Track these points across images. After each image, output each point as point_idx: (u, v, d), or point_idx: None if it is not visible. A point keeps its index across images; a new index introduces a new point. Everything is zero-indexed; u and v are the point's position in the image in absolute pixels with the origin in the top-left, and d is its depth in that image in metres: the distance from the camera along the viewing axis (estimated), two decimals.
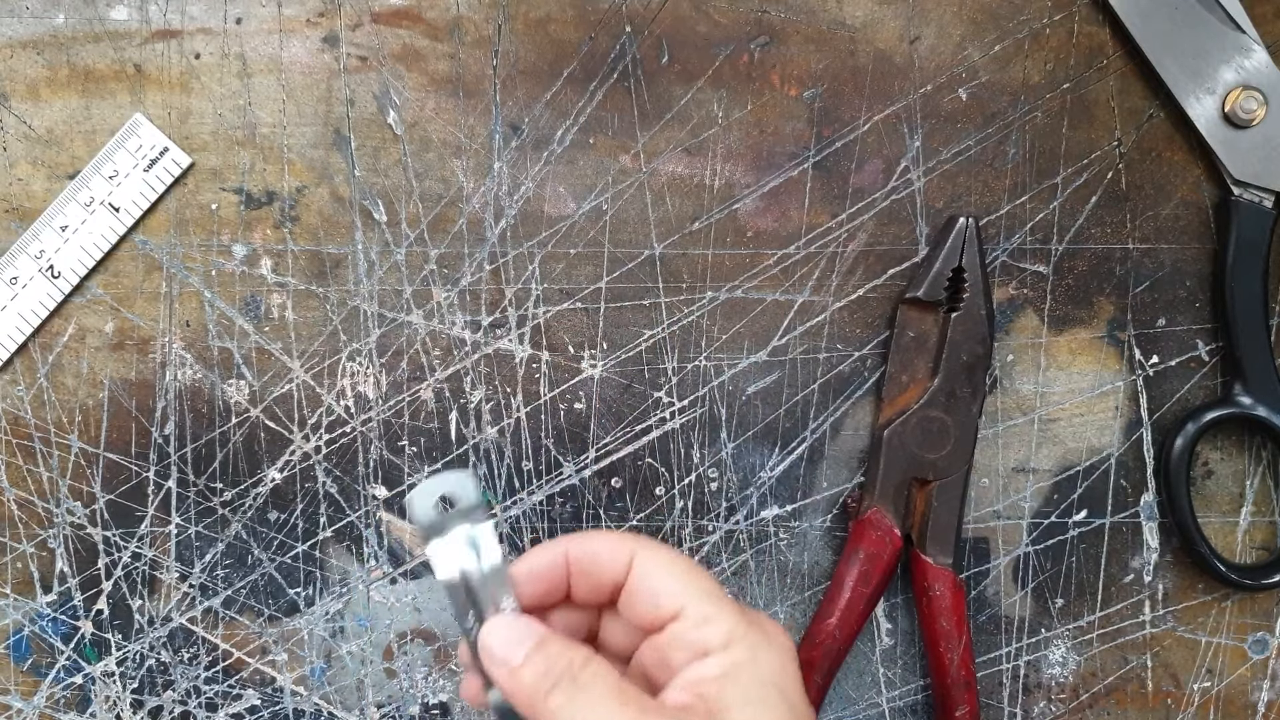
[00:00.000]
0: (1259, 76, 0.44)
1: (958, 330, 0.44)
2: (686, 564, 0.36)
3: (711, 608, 0.35)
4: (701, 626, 0.34)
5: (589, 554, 0.36)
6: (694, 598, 0.35)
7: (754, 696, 0.34)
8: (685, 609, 0.35)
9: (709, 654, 0.34)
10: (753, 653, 0.34)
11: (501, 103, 0.44)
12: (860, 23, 0.45)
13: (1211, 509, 0.47)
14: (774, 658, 0.35)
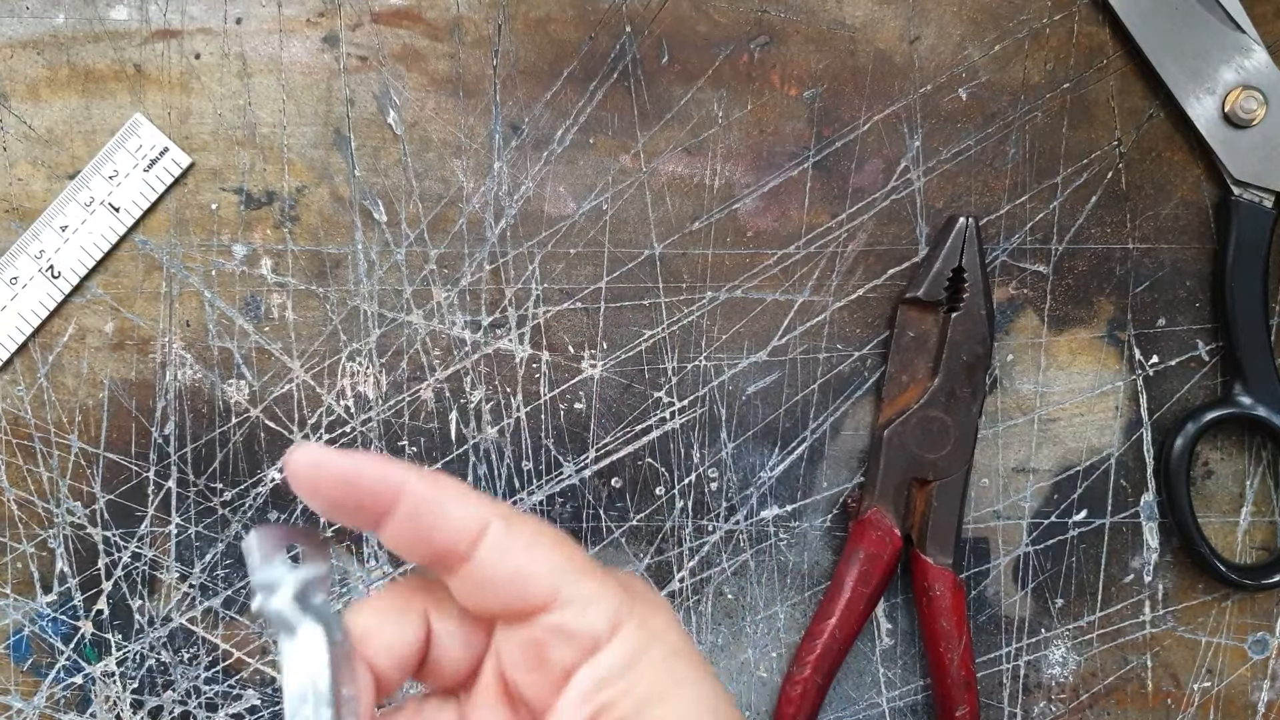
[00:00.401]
0: (1259, 76, 0.44)
1: (958, 330, 0.44)
2: (551, 532, 0.30)
3: (593, 583, 0.29)
4: (585, 612, 0.29)
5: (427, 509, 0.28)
6: (569, 577, 0.29)
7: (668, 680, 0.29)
8: (561, 593, 0.29)
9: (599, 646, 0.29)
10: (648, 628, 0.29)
11: (501, 102, 0.44)
12: (860, 22, 0.45)
13: (1211, 509, 0.47)
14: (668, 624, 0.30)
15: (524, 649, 0.29)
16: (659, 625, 0.30)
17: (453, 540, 0.28)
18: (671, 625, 0.30)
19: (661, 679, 0.29)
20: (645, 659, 0.29)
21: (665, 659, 0.29)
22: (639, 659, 0.29)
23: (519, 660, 0.30)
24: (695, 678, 0.29)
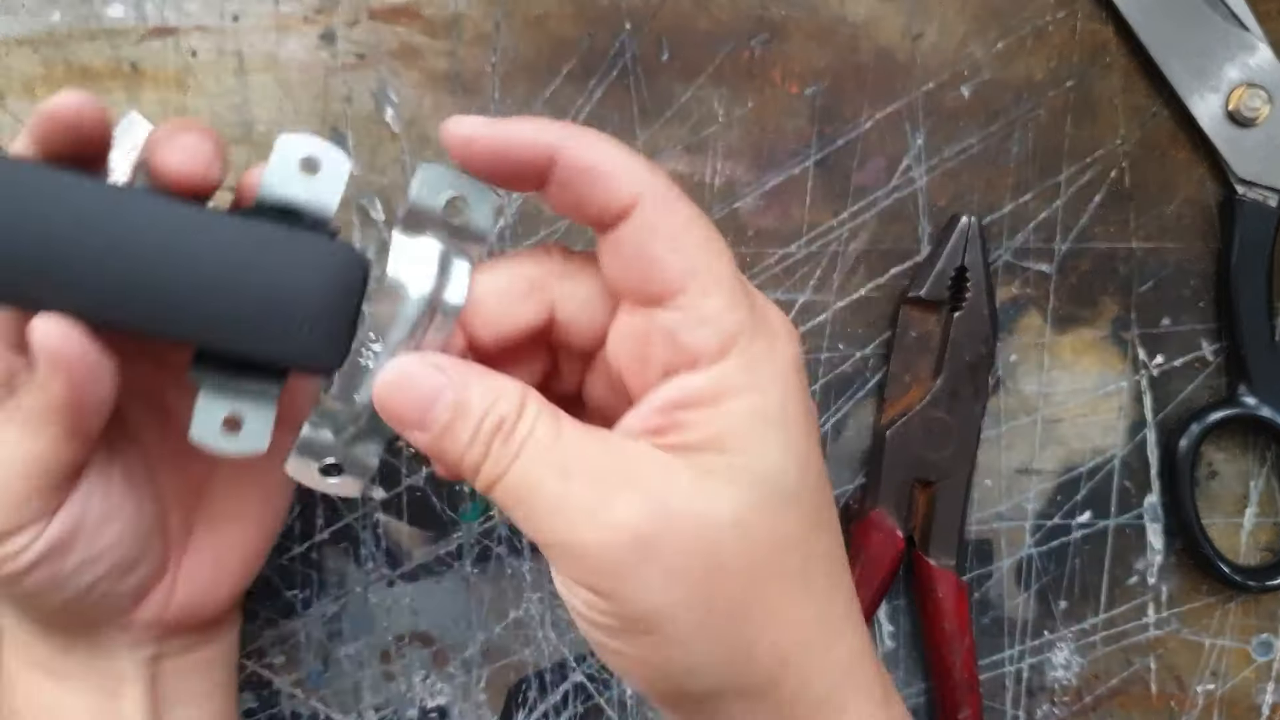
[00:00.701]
0: (1263, 74, 0.44)
1: (960, 330, 0.44)
2: (701, 232, 0.28)
3: (721, 299, 0.28)
4: (700, 325, 0.27)
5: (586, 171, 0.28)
6: (701, 281, 0.28)
7: (743, 442, 0.27)
8: (686, 292, 0.28)
9: (698, 363, 0.27)
10: (753, 374, 0.28)
11: (500, 100, 0.44)
12: (862, 19, 0.44)
13: (1216, 510, 0.46)
14: (778, 377, 0.28)
15: (634, 338, 0.29)
16: (766, 374, 0.28)
17: (600, 211, 0.28)
18: (778, 379, 0.28)
19: (736, 431, 0.27)
20: (732, 403, 0.27)
21: (750, 415, 0.27)
22: (725, 399, 0.27)
23: (627, 346, 0.29)
24: (770, 450, 0.28)
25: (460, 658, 0.46)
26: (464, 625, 0.46)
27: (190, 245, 0.29)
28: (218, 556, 0.37)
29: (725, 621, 0.27)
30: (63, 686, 0.36)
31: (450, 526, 0.45)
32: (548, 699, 0.46)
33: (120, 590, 0.35)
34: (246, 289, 0.30)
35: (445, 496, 0.45)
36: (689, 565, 0.27)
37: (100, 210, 0.29)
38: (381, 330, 0.30)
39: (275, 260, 0.30)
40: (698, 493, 0.27)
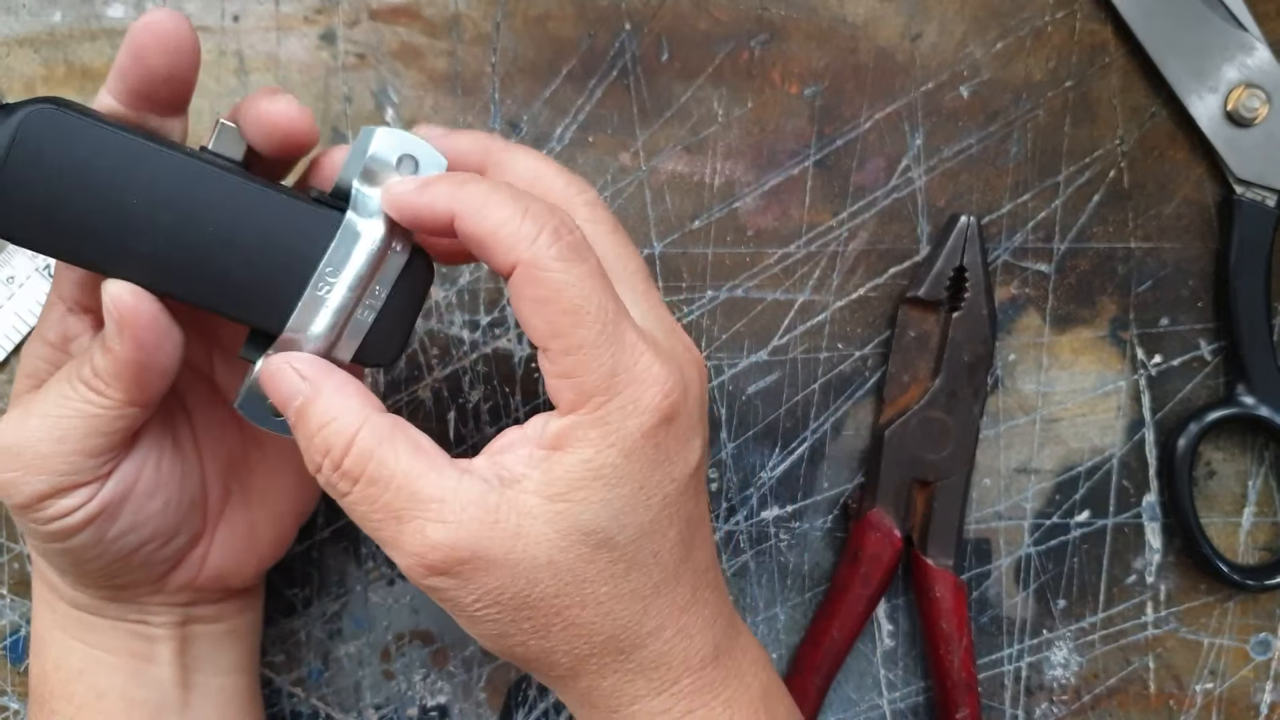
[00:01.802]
0: (1261, 75, 0.44)
1: (959, 330, 0.44)
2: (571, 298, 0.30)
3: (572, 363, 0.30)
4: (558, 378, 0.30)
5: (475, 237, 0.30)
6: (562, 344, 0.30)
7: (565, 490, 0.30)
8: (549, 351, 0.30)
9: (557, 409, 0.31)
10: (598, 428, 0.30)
11: (500, 100, 0.44)
12: (861, 20, 0.45)
13: (1214, 509, 0.46)
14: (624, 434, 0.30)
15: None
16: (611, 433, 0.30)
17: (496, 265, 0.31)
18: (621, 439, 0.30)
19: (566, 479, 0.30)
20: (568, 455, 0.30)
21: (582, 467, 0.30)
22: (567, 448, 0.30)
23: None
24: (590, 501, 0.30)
25: (460, 656, 0.46)
26: None
27: (257, 226, 0.32)
28: (251, 529, 0.39)
29: (528, 635, 0.31)
30: (94, 650, 0.37)
31: None
32: (548, 697, 0.46)
33: (160, 557, 0.36)
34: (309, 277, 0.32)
35: None
36: (501, 590, 0.30)
37: (175, 182, 0.31)
38: (338, 266, 0.32)
39: None
40: (519, 535, 0.30)
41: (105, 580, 0.36)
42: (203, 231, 0.31)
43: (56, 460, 0.33)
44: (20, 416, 0.33)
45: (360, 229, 0.32)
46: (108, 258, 0.31)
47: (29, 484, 0.33)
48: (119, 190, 0.30)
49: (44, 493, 0.33)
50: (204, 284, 0.32)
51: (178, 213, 0.31)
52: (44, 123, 0.30)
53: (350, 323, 0.33)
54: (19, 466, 0.33)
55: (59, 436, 0.32)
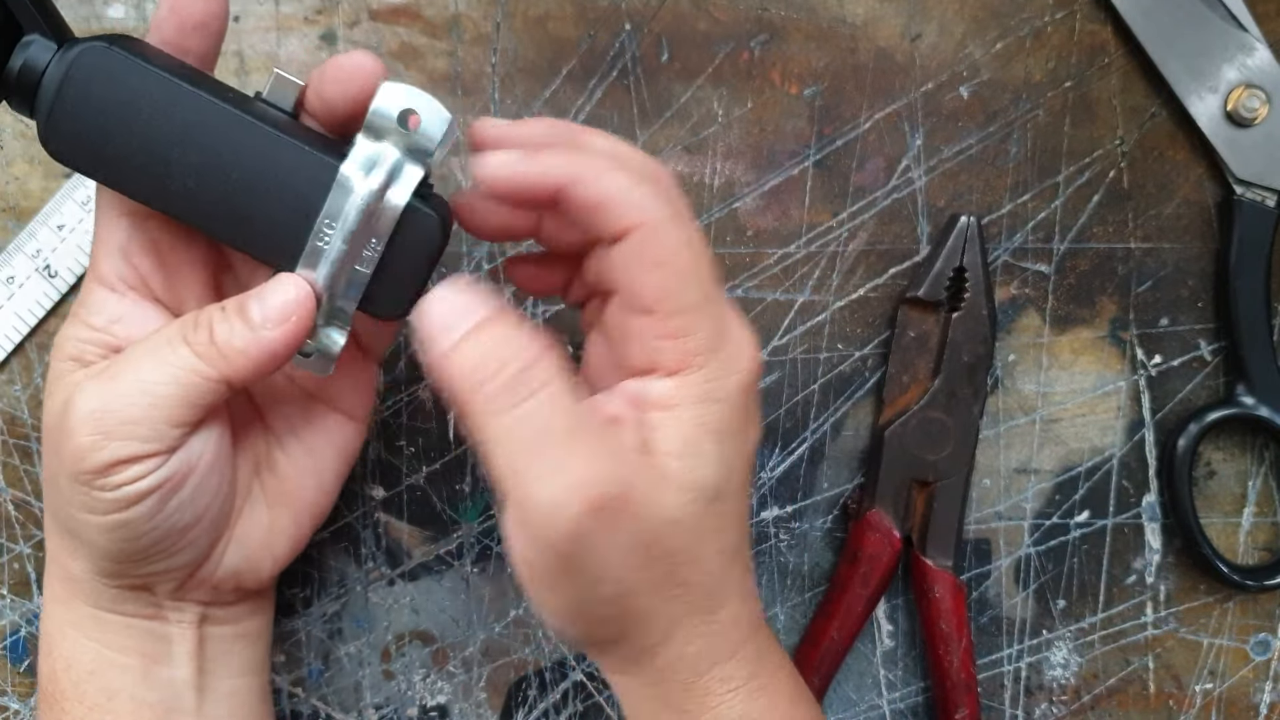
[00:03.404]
0: (1261, 75, 0.44)
1: (959, 330, 0.44)
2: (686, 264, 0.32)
3: (684, 323, 0.32)
4: (665, 339, 0.32)
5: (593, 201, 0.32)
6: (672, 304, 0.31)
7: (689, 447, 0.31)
8: (657, 312, 0.32)
9: (660, 371, 0.32)
10: (704, 388, 0.32)
11: (500, 100, 0.44)
12: (861, 20, 0.45)
13: (1214, 510, 0.46)
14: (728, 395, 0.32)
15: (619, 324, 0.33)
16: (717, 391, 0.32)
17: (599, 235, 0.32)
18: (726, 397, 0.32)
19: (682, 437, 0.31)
20: (682, 412, 0.32)
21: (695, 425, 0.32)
22: (678, 408, 0.32)
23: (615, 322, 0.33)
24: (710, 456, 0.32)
25: (460, 656, 0.46)
26: (464, 624, 0.46)
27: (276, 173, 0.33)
28: (268, 529, 0.39)
29: (643, 593, 0.32)
30: (107, 650, 0.37)
31: (450, 525, 0.45)
32: (548, 697, 0.46)
33: (199, 542, 0.36)
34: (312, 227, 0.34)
35: (445, 496, 0.45)
36: (636, 540, 0.31)
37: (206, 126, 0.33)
38: (333, 218, 0.33)
39: None
40: (652, 488, 0.31)
41: (140, 565, 0.35)
42: (228, 174, 0.33)
43: (143, 426, 0.33)
44: (105, 381, 0.33)
45: (353, 183, 0.33)
46: (144, 188, 0.33)
47: (107, 449, 0.32)
48: (157, 129, 0.33)
49: (121, 459, 0.33)
50: (229, 223, 0.34)
51: (207, 154, 0.33)
52: (95, 60, 0.32)
53: (350, 273, 0.34)
54: (100, 430, 0.32)
55: (151, 402, 0.33)
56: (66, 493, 0.34)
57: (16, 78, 0.33)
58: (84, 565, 0.36)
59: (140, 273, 0.36)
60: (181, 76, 0.33)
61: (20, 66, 0.32)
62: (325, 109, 0.35)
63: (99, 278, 0.35)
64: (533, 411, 0.30)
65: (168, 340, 0.33)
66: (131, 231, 0.35)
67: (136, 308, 0.36)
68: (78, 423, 0.33)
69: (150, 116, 0.33)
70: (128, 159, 0.33)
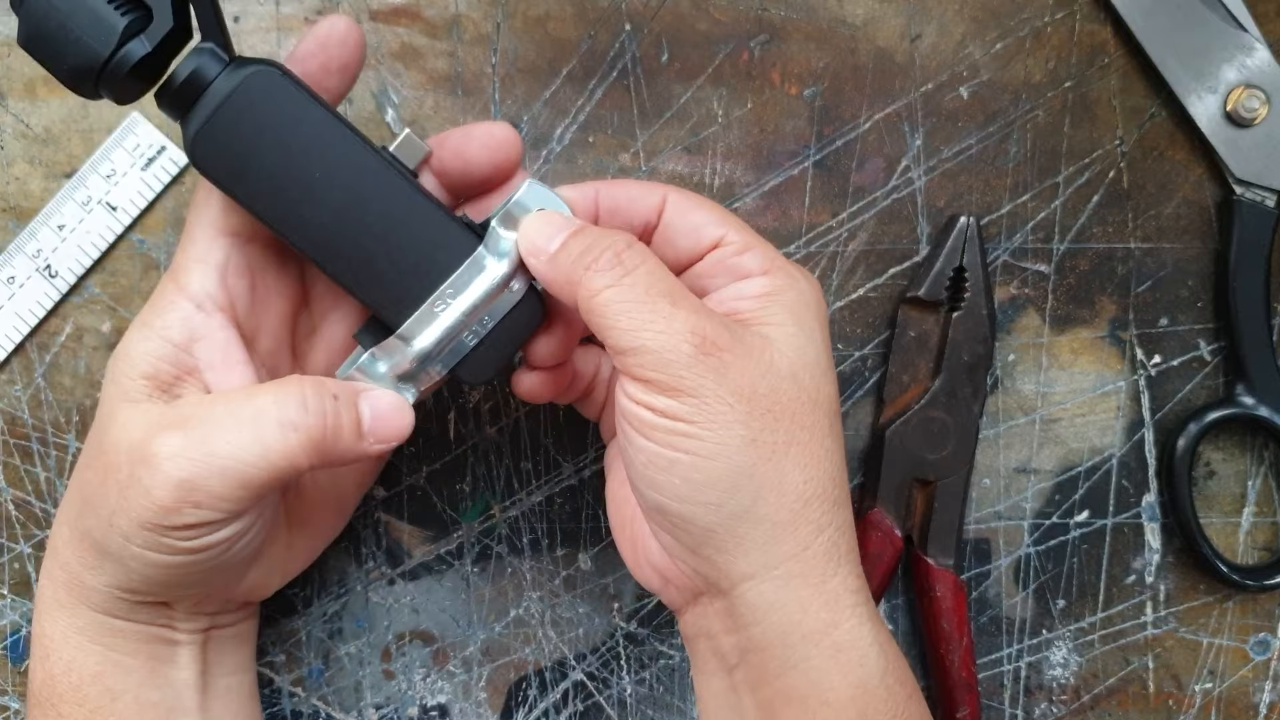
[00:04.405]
0: (1261, 75, 0.44)
1: (959, 330, 0.44)
2: (720, 207, 0.37)
3: (751, 237, 0.36)
4: (742, 253, 0.35)
5: (622, 197, 0.36)
6: (734, 228, 0.36)
7: (793, 318, 0.34)
8: (726, 236, 0.36)
9: (749, 276, 0.35)
10: (791, 281, 0.35)
11: (500, 101, 0.44)
12: (861, 20, 0.45)
13: (1213, 509, 0.47)
14: (809, 290, 0.36)
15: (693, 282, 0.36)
16: (801, 284, 0.35)
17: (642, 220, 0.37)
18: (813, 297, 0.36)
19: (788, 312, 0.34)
20: (782, 296, 0.35)
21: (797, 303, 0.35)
22: (776, 295, 0.35)
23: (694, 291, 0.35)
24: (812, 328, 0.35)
25: (460, 656, 0.46)
26: (464, 624, 0.46)
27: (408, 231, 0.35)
28: (288, 549, 0.40)
29: (769, 450, 0.33)
30: (113, 653, 0.36)
31: (451, 526, 0.46)
32: (548, 697, 0.46)
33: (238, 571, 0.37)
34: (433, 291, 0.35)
35: (445, 496, 0.45)
36: (752, 391, 0.32)
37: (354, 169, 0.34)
38: (459, 290, 0.35)
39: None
40: (763, 343, 0.34)
41: (177, 590, 0.36)
42: (363, 219, 0.34)
43: (230, 502, 0.33)
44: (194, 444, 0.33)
45: (486, 264, 0.35)
46: (278, 214, 0.34)
47: (191, 515, 0.33)
48: (307, 160, 0.33)
49: (201, 521, 0.33)
50: (350, 265, 0.35)
51: (350, 195, 0.34)
52: (265, 83, 0.33)
53: (454, 342, 0.36)
54: (188, 501, 0.33)
55: (242, 482, 0.33)
56: (125, 529, 0.33)
57: (182, 82, 0.33)
58: (106, 580, 0.35)
59: (231, 295, 0.36)
60: (341, 119, 0.34)
61: (189, 73, 0.33)
62: (460, 168, 0.37)
63: (186, 293, 0.35)
64: (641, 277, 0.33)
65: (268, 416, 0.33)
66: (231, 252, 0.35)
67: (221, 330, 0.35)
68: (162, 484, 0.32)
69: (303, 148, 0.33)
70: (269, 183, 0.34)
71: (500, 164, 0.37)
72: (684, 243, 0.36)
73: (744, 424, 0.32)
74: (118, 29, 0.31)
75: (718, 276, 0.36)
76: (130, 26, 0.31)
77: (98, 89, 0.32)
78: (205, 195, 0.36)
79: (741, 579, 0.33)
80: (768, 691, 0.34)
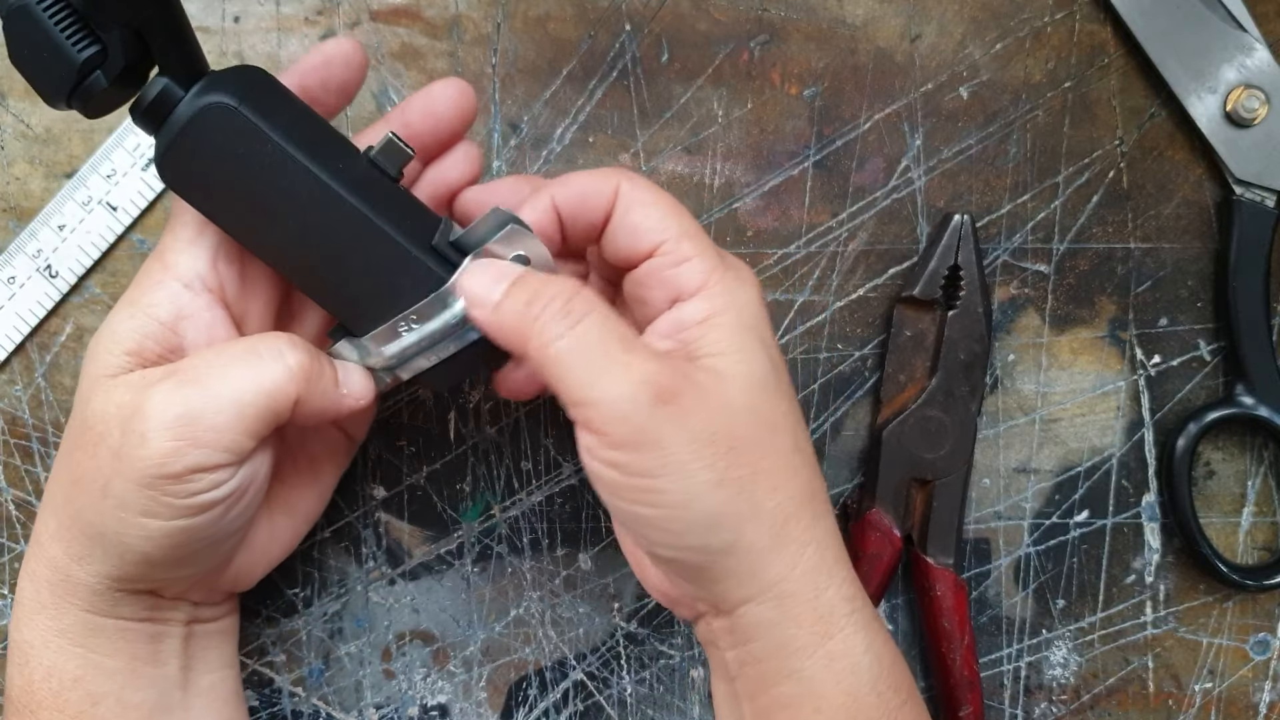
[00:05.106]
0: (1260, 75, 0.44)
1: (955, 329, 0.44)
2: (670, 202, 0.36)
3: (689, 247, 0.35)
4: (678, 265, 0.35)
5: (575, 195, 0.36)
6: (673, 235, 0.35)
7: (735, 344, 0.34)
8: (663, 245, 0.35)
9: (684, 296, 0.35)
10: (730, 296, 0.35)
11: (501, 101, 0.44)
12: (861, 21, 0.45)
13: (1213, 509, 0.47)
14: (750, 301, 0.35)
15: (634, 287, 0.36)
16: (741, 297, 0.35)
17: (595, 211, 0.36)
18: (754, 309, 0.35)
19: (729, 339, 0.34)
20: (720, 319, 0.34)
21: (736, 326, 0.34)
22: (714, 317, 0.34)
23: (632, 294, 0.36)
24: (756, 349, 0.34)
25: (461, 656, 0.46)
26: (464, 623, 0.46)
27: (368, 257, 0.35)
28: (270, 534, 0.40)
29: (738, 486, 0.33)
30: (94, 655, 0.36)
31: (451, 525, 0.46)
32: (548, 697, 0.46)
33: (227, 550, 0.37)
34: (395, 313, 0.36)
35: (446, 495, 0.45)
36: (712, 434, 0.32)
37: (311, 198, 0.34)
38: (422, 319, 0.36)
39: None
40: (715, 379, 0.33)
41: (172, 570, 0.35)
42: (323, 245, 0.35)
43: (227, 435, 0.33)
44: (187, 386, 0.33)
45: (450, 302, 0.35)
46: (243, 232, 0.35)
47: (189, 456, 0.32)
48: (264, 188, 0.34)
49: (201, 465, 0.33)
50: (314, 282, 0.36)
51: (306, 223, 0.34)
52: (218, 117, 0.34)
53: (413, 359, 0.37)
54: (186, 437, 0.32)
55: (239, 412, 0.33)
56: (121, 495, 0.33)
57: (146, 107, 0.34)
58: (96, 569, 0.35)
59: (220, 277, 0.36)
60: (300, 139, 0.34)
61: (151, 99, 0.34)
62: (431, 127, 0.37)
63: (174, 273, 0.35)
64: (591, 326, 0.33)
65: (262, 351, 0.34)
66: (223, 239, 0.36)
67: (208, 310, 0.36)
68: (157, 427, 0.32)
69: (259, 177, 0.34)
70: (231, 203, 0.35)
71: (465, 110, 0.38)
72: (624, 243, 0.36)
73: (709, 468, 0.32)
74: (75, 65, 0.32)
75: (654, 289, 0.35)
76: (88, 63, 0.32)
77: (70, 107, 0.34)
78: None
79: (739, 603, 0.34)
80: (764, 700, 0.35)
